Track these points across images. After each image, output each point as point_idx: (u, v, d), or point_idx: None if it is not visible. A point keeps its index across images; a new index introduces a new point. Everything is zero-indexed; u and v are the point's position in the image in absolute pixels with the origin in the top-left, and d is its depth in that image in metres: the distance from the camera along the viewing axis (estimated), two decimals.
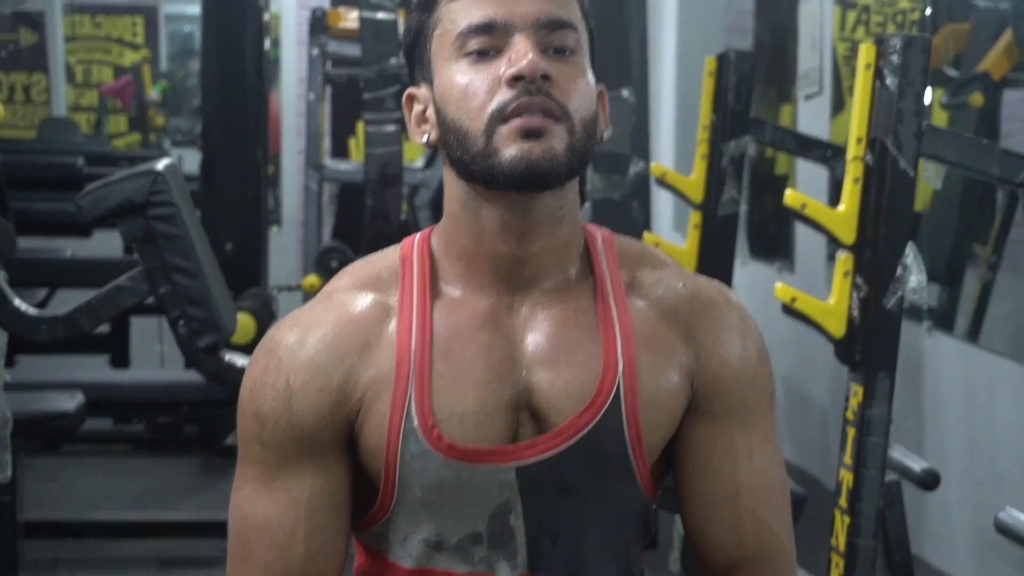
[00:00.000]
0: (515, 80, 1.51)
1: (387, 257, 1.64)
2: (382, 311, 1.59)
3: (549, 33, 1.55)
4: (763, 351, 1.66)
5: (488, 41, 1.54)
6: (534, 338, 1.57)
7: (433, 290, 1.59)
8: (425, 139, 1.61)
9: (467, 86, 1.54)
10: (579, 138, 1.54)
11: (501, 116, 1.51)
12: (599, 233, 1.66)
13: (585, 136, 1.55)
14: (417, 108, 1.63)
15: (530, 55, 1.52)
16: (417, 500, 1.56)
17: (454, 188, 1.59)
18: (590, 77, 1.58)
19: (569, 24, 1.56)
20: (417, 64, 1.63)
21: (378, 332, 1.58)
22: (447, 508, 1.56)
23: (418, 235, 1.65)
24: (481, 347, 1.56)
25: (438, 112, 1.58)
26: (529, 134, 1.50)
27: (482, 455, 1.54)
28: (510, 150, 1.50)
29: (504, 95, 1.52)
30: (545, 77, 1.52)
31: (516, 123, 1.51)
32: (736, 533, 1.64)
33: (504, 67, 1.53)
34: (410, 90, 1.64)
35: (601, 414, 1.55)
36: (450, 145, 1.56)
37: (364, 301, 1.60)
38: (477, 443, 1.54)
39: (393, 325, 1.57)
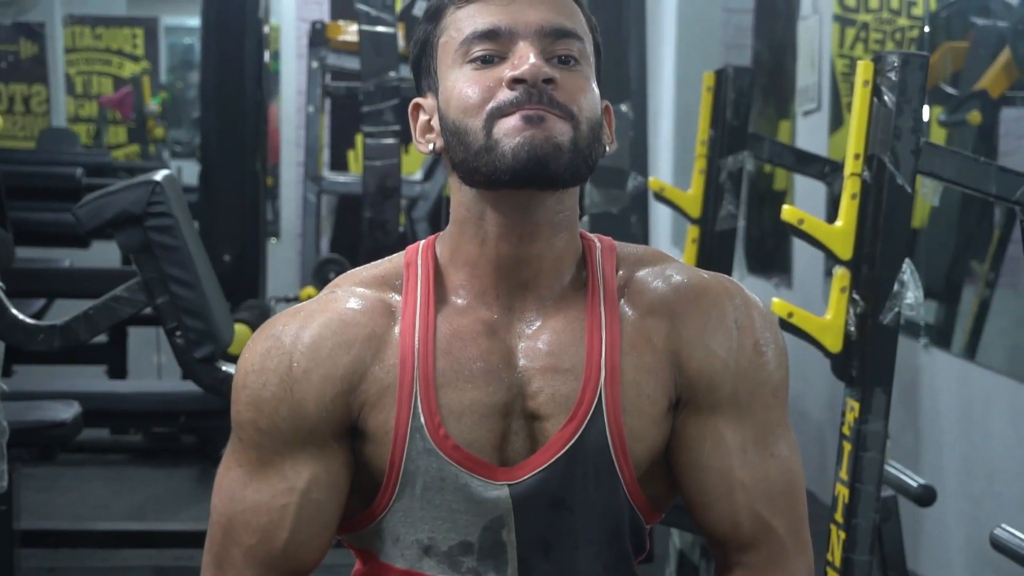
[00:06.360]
0: (516, 83, 1.51)
1: (391, 261, 1.64)
2: (386, 309, 1.59)
3: (553, 42, 1.55)
4: (764, 341, 1.62)
5: (492, 48, 1.54)
6: (528, 344, 1.58)
7: (437, 295, 1.59)
8: (431, 148, 1.61)
9: (468, 87, 1.54)
10: (584, 138, 1.53)
11: (500, 113, 1.51)
12: (599, 241, 1.65)
13: (591, 138, 1.54)
14: (423, 118, 1.63)
15: (532, 59, 1.51)
16: (417, 497, 1.56)
17: (459, 194, 1.59)
18: (595, 87, 1.57)
19: (574, 34, 1.56)
20: (423, 75, 1.63)
21: (384, 327, 1.58)
22: (443, 510, 1.56)
23: (422, 242, 1.65)
24: (481, 349, 1.56)
25: (441, 118, 1.58)
26: (530, 120, 1.49)
27: (479, 468, 1.55)
28: (512, 140, 1.50)
29: (505, 95, 1.52)
30: (548, 81, 1.51)
31: (516, 115, 1.50)
32: (732, 528, 1.62)
33: (507, 71, 1.53)
34: (416, 100, 1.64)
35: (585, 424, 1.55)
36: (452, 148, 1.56)
37: (368, 297, 1.60)
38: (472, 443, 1.54)
39: (397, 324, 1.57)
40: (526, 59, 1.52)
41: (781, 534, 1.63)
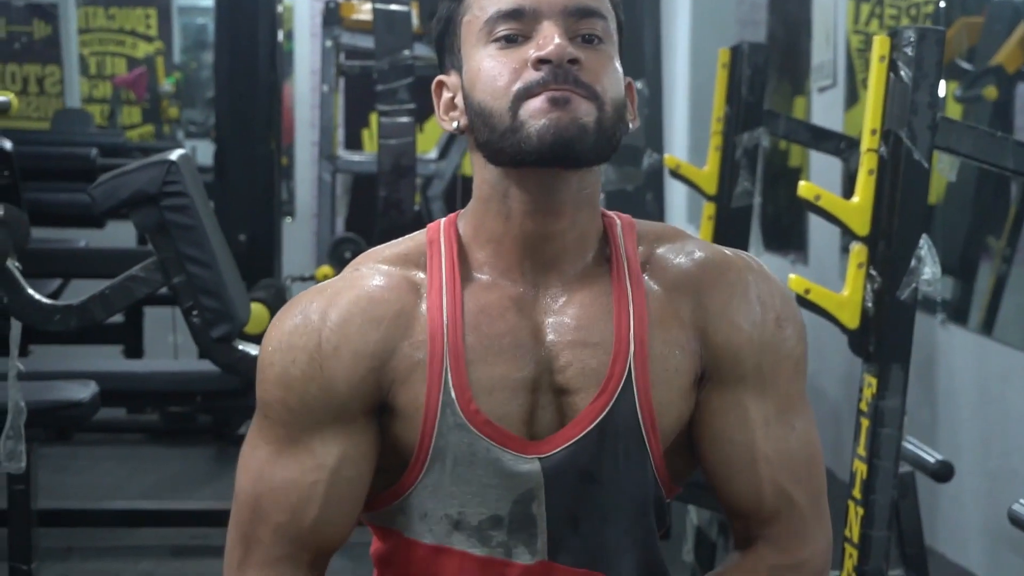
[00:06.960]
0: (541, 63, 1.52)
1: (412, 240, 1.65)
2: (411, 286, 1.59)
3: (577, 21, 1.55)
4: (785, 315, 1.64)
5: (516, 27, 1.55)
6: (555, 319, 1.58)
7: (462, 272, 1.60)
8: (455, 126, 1.62)
9: (494, 69, 1.54)
10: (609, 117, 1.54)
11: (527, 94, 1.52)
12: (619, 218, 1.67)
13: (615, 117, 1.55)
14: (446, 96, 1.63)
15: (557, 40, 1.52)
16: (447, 472, 1.56)
17: (483, 172, 1.60)
18: (618, 66, 1.58)
19: (598, 12, 1.57)
20: (447, 52, 1.64)
21: (411, 304, 1.58)
22: (473, 485, 1.57)
23: (443, 220, 1.66)
24: (509, 324, 1.57)
25: (466, 97, 1.59)
26: (556, 101, 1.50)
27: (510, 442, 1.55)
28: (537, 122, 1.51)
29: (531, 76, 1.52)
30: (573, 61, 1.52)
31: (542, 96, 1.51)
32: (755, 500, 1.64)
33: (532, 52, 1.53)
34: (439, 77, 1.65)
35: (615, 398, 1.56)
36: (477, 128, 1.57)
37: (393, 275, 1.60)
38: (503, 418, 1.55)
39: (424, 301, 1.58)
40: (551, 39, 1.52)
41: (802, 506, 1.65)
